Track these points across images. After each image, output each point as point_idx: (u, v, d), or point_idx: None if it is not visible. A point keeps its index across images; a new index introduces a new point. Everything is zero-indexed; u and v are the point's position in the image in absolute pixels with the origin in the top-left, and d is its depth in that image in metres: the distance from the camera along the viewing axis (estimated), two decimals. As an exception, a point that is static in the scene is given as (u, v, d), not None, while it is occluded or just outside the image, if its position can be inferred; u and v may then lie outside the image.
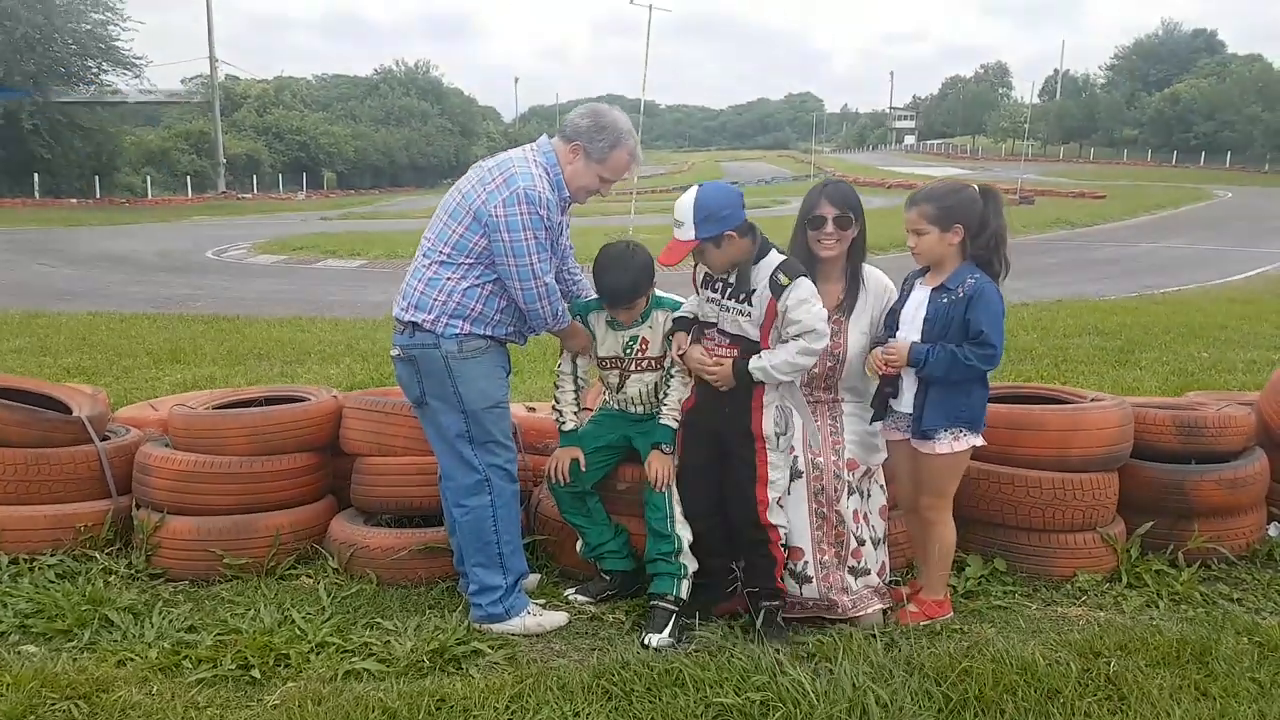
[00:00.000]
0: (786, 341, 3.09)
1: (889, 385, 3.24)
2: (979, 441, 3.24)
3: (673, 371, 3.38)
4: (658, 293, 3.45)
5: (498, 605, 3.25)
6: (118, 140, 40.93)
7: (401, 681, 2.86)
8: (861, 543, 3.30)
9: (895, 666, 2.86)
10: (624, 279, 3.27)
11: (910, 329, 3.23)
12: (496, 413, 3.27)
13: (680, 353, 3.27)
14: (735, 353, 3.16)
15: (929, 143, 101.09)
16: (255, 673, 2.91)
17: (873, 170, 57.52)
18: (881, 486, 3.44)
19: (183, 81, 51.77)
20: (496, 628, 3.24)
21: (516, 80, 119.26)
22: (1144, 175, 53.78)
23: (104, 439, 4.10)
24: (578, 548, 3.56)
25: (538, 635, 3.24)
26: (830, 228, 3.25)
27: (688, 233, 3.03)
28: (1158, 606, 3.47)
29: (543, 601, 3.44)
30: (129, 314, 10.85)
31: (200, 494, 3.72)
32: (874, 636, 3.05)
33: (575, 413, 3.53)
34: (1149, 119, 68.77)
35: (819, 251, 3.28)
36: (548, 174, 3.21)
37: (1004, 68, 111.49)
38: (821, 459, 3.27)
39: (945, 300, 3.16)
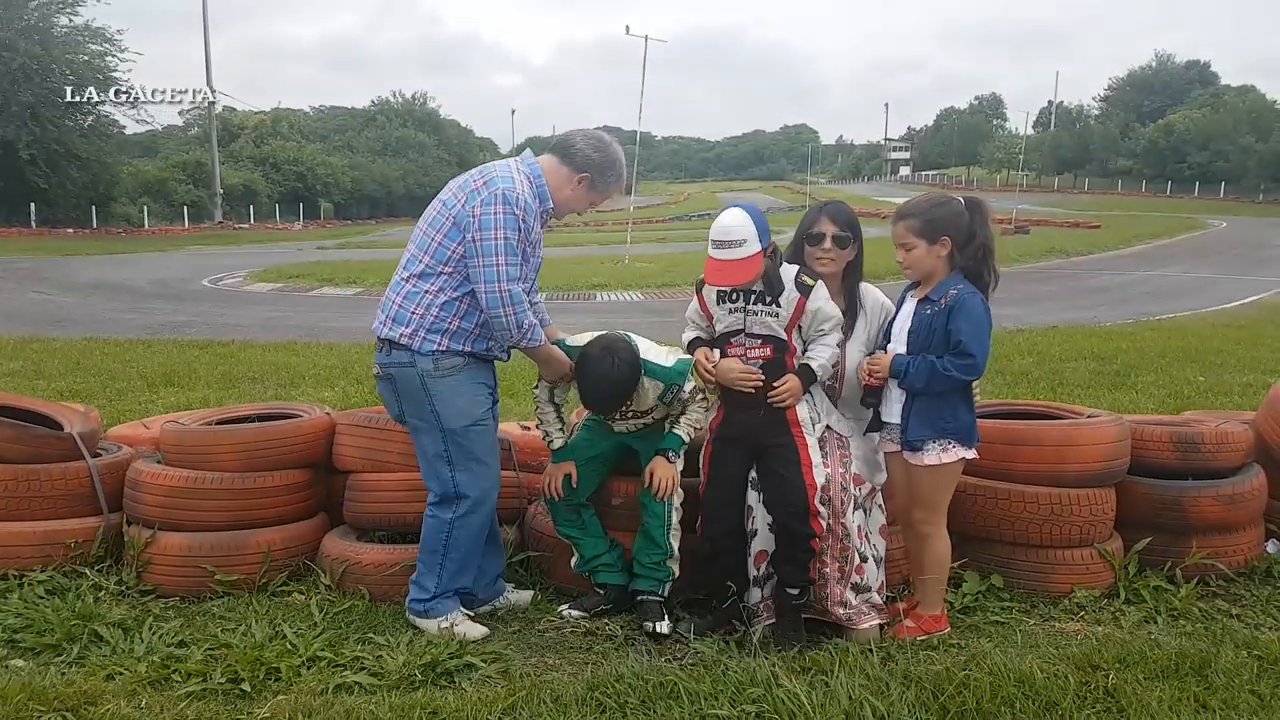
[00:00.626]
0: (814, 339, 3.26)
1: (872, 396, 3.29)
2: (970, 454, 3.24)
3: (693, 399, 3.36)
4: (644, 358, 3.32)
5: (418, 604, 3.31)
6: (114, 171, 41.09)
7: (393, 695, 2.83)
8: (865, 559, 3.29)
9: (892, 679, 2.83)
10: (608, 391, 3.25)
11: (898, 341, 3.26)
12: (477, 431, 3.24)
13: (711, 367, 3.27)
14: (769, 351, 3.26)
15: (924, 174, 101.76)
16: (245, 686, 2.88)
17: (868, 201, 57.74)
18: (881, 507, 3.43)
19: (181, 113, 52.23)
20: (417, 620, 3.31)
21: (514, 111, 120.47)
22: (1138, 205, 54.13)
23: (95, 456, 4.08)
24: (572, 562, 3.54)
25: (530, 650, 3.21)
26: (828, 244, 3.33)
27: (754, 246, 3.12)
28: (1156, 622, 3.44)
29: (471, 613, 3.42)
30: (123, 339, 10.84)
31: (191, 510, 3.69)
32: (870, 650, 3.02)
33: (562, 429, 3.52)
34: (1143, 149, 69.42)
35: (816, 267, 3.34)
36: (531, 183, 3.19)
37: (998, 99, 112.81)
38: (829, 470, 3.27)
39: (929, 311, 3.20)
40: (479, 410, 3.25)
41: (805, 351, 3.27)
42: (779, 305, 3.21)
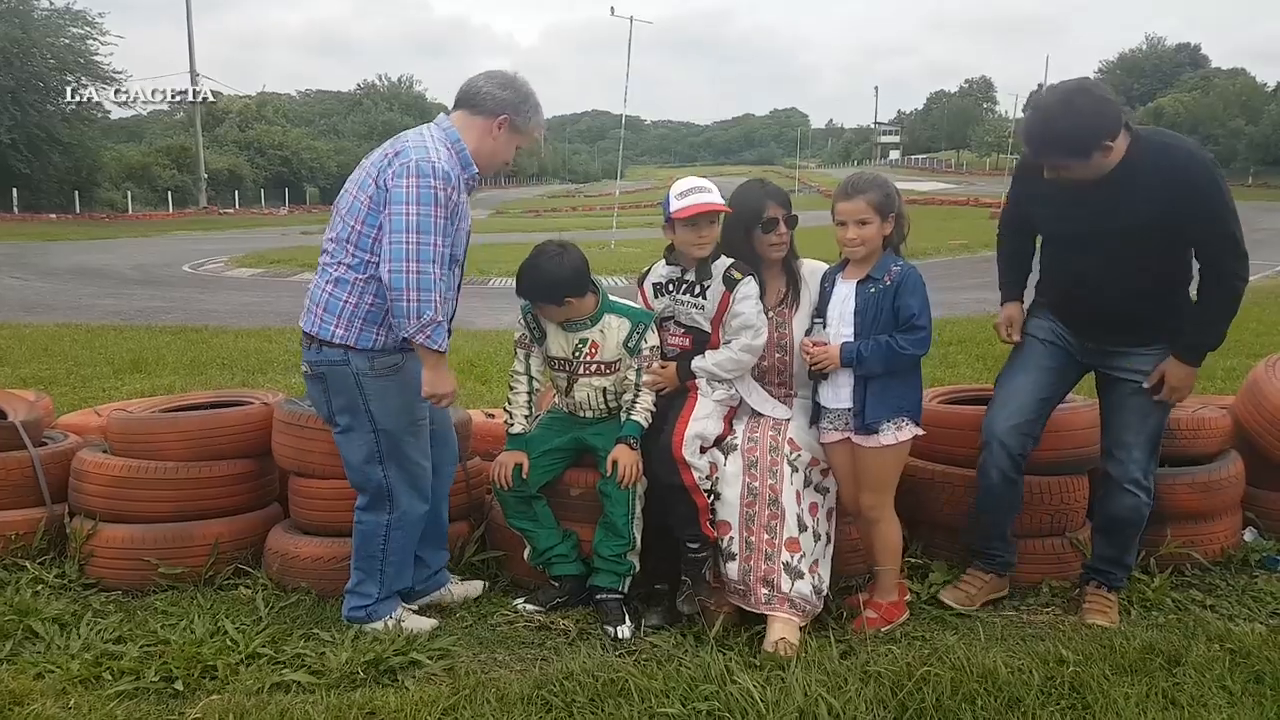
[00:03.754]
0: (725, 335, 3.25)
1: (818, 375, 3.22)
2: (920, 432, 3.20)
3: (651, 362, 3.33)
4: (611, 298, 3.35)
5: (360, 611, 3.18)
6: (97, 155, 40.62)
7: (332, 694, 2.71)
8: (803, 528, 3.14)
9: (851, 674, 2.73)
10: (540, 278, 3.20)
11: (842, 324, 3.18)
12: (414, 430, 3.10)
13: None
14: (688, 342, 3.33)
15: (914, 157, 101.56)
16: (179, 685, 2.76)
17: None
18: (835, 490, 3.33)
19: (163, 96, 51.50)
20: (365, 626, 3.17)
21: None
22: (1126, 189, 54.01)
23: (41, 445, 3.95)
24: (525, 555, 3.42)
25: (480, 645, 3.10)
26: (783, 228, 3.26)
27: (719, 196, 3.21)
28: (1128, 613, 3.35)
29: (415, 607, 3.33)
30: (96, 325, 10.66)
31: (135, 501, 3.57)
32: (829, 644, 2.92)
33: (526, 415, 3.41)
34: (1132, 134, 69.32)
35: (771, 254, 3.29)
36: (450, 149, 2.94)
37: (988, 83, 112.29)
38: (759, 434, 3.20)
39: (873, 290, 3.14)
40: (417, 411, 3.09)
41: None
42: (704, 299, 3.24)
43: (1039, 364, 3.32)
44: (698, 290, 3.26)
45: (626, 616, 3.20)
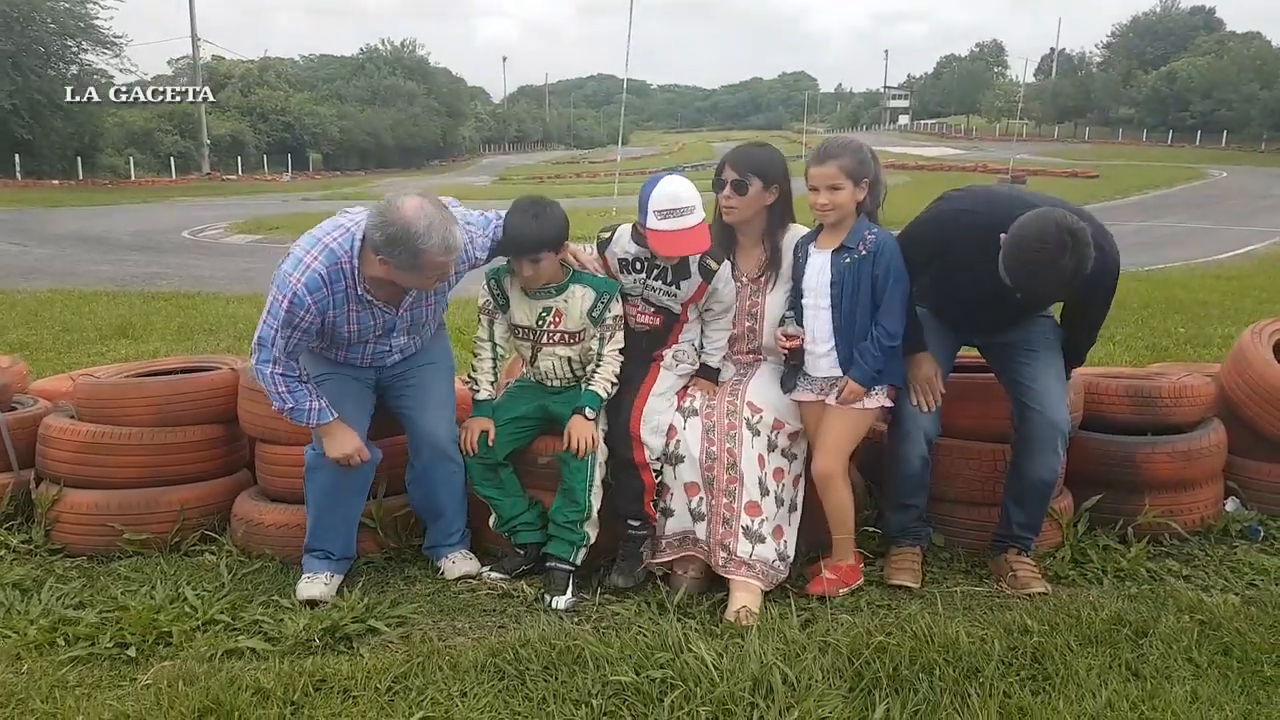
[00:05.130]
0: (707, 322, 3.28)
1: (795, 358, 3.18)
2: (889, 403, 3.21)
3: (615, 331, 3.27)
4: (577, 269, 3.29)
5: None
6: (100, 121, 40.35)
7: (286, 661, 2.69)
8: (765, 492, 3.09)
9: (810, 643, 2.70)
10: (531, 227, 3.11)
11: (818, 296, 3.14)
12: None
13: None
14: (659, 321, 3.30)
15: (923, 122, 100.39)
16: (132, 651, 2.74)
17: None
18: (804, 458, 3.28)
19: (169, 63, 51.25)
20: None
21: (505, 59, 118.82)
22: (1139, 155, 53.43)
23: (11, 410, 3.93)
24: (490, 522, 3.39)
25: (440, 613, 3.08)
26: (727, 190, 3.18)
27: (701, 214, 3.06)
28: (1101, 584, 3.31)
29: (324, 577, 3.23)
30: (88, 291, 10.64)
31: (100, 466, 3.54)
32: (790, 612, 2.89)
33: (492, 382, 3.36)
34: (1145, 98, 68.29)
35: (724, 216, 3.23)
36: (340, 261, 2.90)
37: (999, 46, 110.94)
38: (716, 399, 3.17)
39: (847, 260, 3.09)
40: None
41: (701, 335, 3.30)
42: (678, 289, 3.20)
43: (938, 349, 3.32)
44: (670, 278, 3.20)
45: (570, 588, 3.16)
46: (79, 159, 38.14)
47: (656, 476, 3.15)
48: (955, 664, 2.62)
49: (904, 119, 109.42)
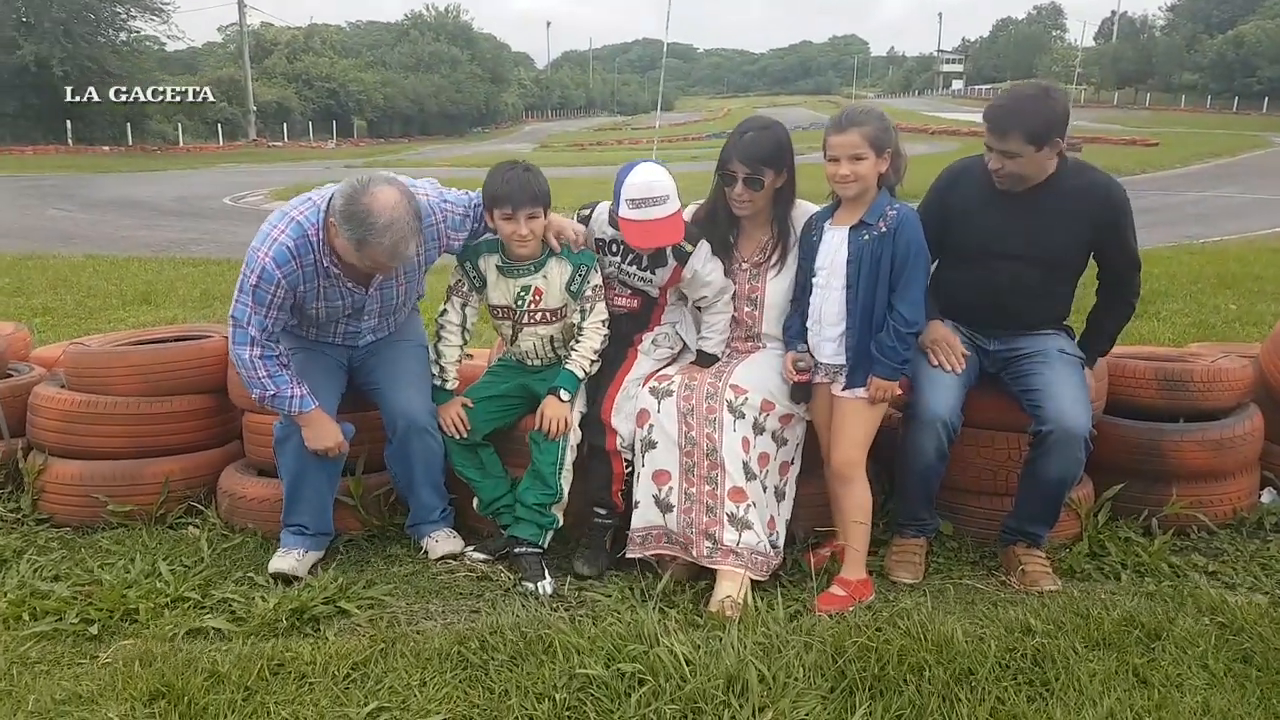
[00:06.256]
0: (700, 306, 3.14)
1: (800, 394, 3.02)
2: (898, 391, 2.99)
3: (595, 302, 3.14)
4: (555, 248, 3.14)
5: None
6: (148, 88, 40.87)
7: (248, 642, 2.61)
8: (750, 476, 2.91)
9: (793, 638, 2.54)
10: (525, 178, 2.98)
11: (833, 275, 2.94)
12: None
13: None
14: (636, 304, 3.20)
15: (977, 87, 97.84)
16: (94, 629, 2.68)
17: (916, 116, 55.73)
18: (798, 444, 3.12)
19: (219, 29, 51.61)
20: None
21: (549, 24, 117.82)
22: (1202, 122, 51.47)
23: (6, 377, 3.90)
24: (474, 504, 3.27)
25: (416, 595, 2.98)
26: (739, 188, 2.99)
27: (675, 203, 2.95)
28: (1118, 579, 3.10)
29: (297, 554, 3.13)
30: (120, 257, 10.71)
31: (86, 436, 3.49)
32: (776, 604, 2.73)
33: (456, 373, 3.26)
34: (1210, 63, 65.73)
35: (735, 210, 3.05)
36: (307, 234, 2.84)
37: (1058, 9, 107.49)
38: (696, 380, 2.99)
39: (866, 237, 2.88)
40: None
41: (700, 322, 3.19)
42: (653, 274, 3.10)
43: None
44: (645, 264, 3.09)
45: (546, 571, 3.05)
46: (129, 125, 38.69)
47: (627, 466, 3.03)
48: (947, 665, 2.45)
49: (958, 84, 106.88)
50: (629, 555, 3.01)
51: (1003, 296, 3.13)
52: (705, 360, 3.13)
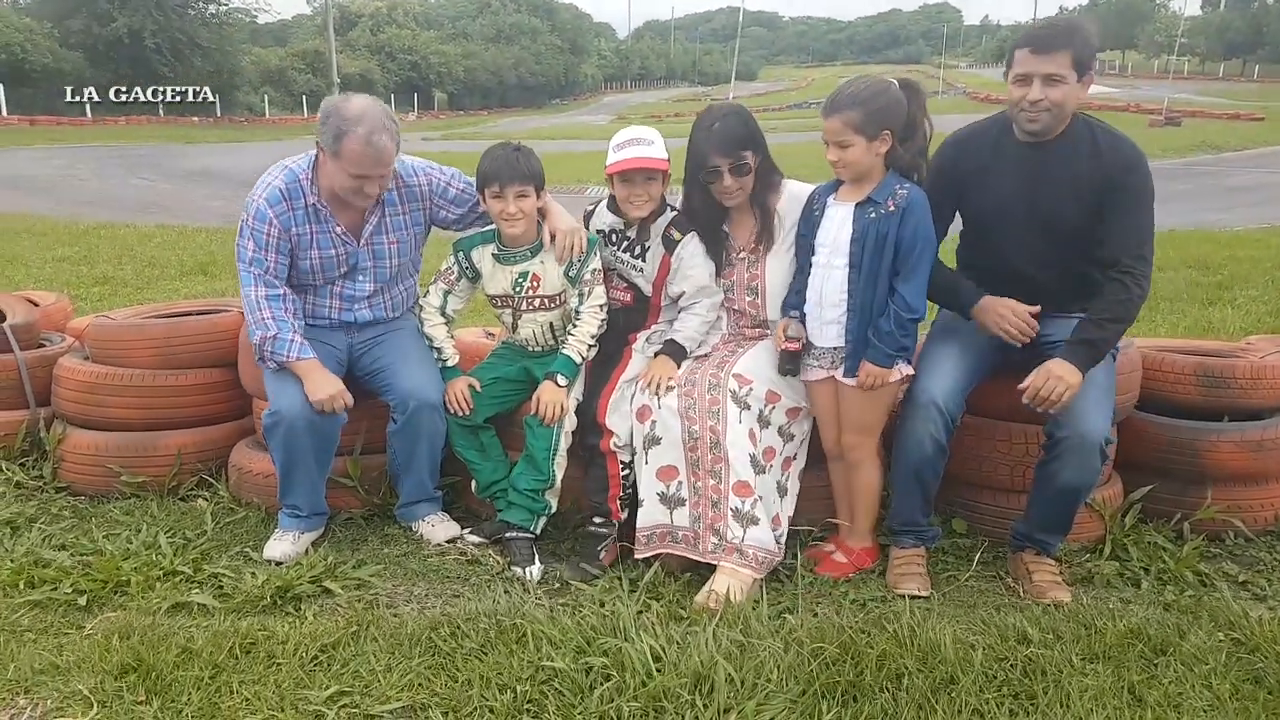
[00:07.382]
0: (679, 301, 3.07)
1: (790, 362, 2.90)
2: (910, 371, 2.88)
3: (594, 287, 3.09)
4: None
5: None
6: (236, 60, 42.01)
7: (228, 619, 2.63)
8: (759, 470, 2.83)
9: (770, 639, 2.45)
10: (514, 157, 2.97)
11: (834, 254, 2.81)
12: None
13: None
14: (630, 297, 3.16)
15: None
16: (82, 601, 2.74)
17: (1006, 88, 53.58)
18: (804, 439, 3.02)
19: (308, 2, 52.64)
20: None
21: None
22: (1314, 95, 48.46)
23: (39, 347, 4.01)
24: (473, 487, 3.25)
25: (402, 578, 2.97)
26: (728, 180, 2.89)
27: (662, 152, 2.95)
28: (1138, 586, 2.92)
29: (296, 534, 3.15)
30: (188, 227, 11.03)
31: (103, 407, 3.57)
32: (760, 601, 2.64)
33: (454, 348, 3.26)
34: (1326, 32, 61.88)
35: (725, 202, 2.96)
36: (299, 179, 3.02)
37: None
38: (698, 374, 2.90)
39: (872, 215, 2.74)
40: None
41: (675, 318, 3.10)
42: (644, 261, 3.06)
43: (968, 336, 2.95)
44: (637, 251, 3.06)
45: (536, 557, 3.01)
46: (218, 96, 39.84)
47: (624, 468, 2.97)
48: (929, 672, 2.33)
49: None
50: (636, 556, 2.94)
51: (1029, 266, 2.88)
52: (673, 351, 3.02)
